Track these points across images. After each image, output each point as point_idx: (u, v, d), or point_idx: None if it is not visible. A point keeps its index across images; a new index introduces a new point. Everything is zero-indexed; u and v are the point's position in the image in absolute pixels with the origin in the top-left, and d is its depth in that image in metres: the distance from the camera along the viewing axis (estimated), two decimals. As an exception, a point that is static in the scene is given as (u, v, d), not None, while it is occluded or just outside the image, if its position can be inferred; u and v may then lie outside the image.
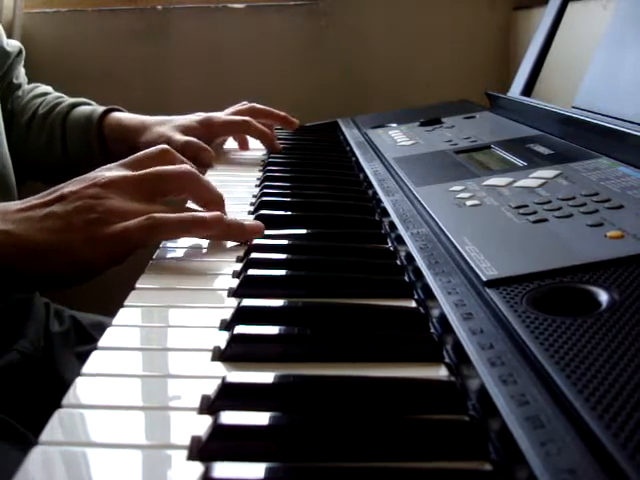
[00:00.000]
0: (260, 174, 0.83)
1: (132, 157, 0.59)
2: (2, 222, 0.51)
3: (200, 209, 0.59)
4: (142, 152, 0.60)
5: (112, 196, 0.53)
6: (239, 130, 0.96)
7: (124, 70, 1.41)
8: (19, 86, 0.96)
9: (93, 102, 0.97)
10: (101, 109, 0.92)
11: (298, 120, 1.05)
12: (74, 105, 0.94)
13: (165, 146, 0.61)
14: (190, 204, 0.62)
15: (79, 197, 0.52)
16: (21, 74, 0.98)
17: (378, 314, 0.44)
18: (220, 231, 0.56)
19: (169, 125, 0.90)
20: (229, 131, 0.96)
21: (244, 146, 1.01)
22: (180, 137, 0.86)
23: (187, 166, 0.59)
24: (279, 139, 1.00)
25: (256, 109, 0.99)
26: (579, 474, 0.25)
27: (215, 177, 0.80)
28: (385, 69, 1.42)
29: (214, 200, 0.59)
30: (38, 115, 0.93)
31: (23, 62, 0.99)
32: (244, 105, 0.99)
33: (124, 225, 0.51)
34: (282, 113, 1.01)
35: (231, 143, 1.04)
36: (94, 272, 0.52)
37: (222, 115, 0.96)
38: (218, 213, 0.56)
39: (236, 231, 0.57)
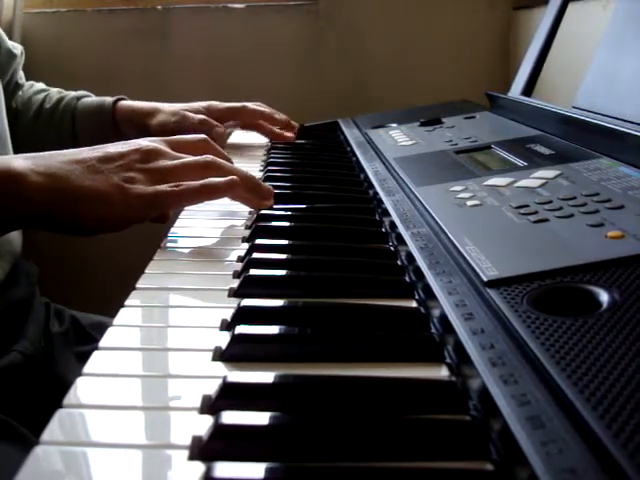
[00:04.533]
0: (260, 174, 0.83)
1: (173, 137, 0.64)
2: (47, 166, 0.55)
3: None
4: (183, 136, 0.65)
5: (151, 162, 0.58)
6: (237, 114, 1.00)
7: (124, 70, 1.41)
8: (22, 85, 1.01)
9: (92, 94, 1.01)
10: (110, 98, 0.97)
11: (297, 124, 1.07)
12: (78, 97, 0.99)
13: (204, 136, 0.66)
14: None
15: (121, 156, 0.58)
16: (22, 74, 1.02)
17: (379, 314, 0.44)
18: (243, 188, 0.61)
19: (179, 107, 0.95)
20: (229, 115, 1.00)
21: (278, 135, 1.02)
22: (195, 116, 0.92)
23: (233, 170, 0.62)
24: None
25: (259, 111, 1.02)
26: (580, 474, 0.25)
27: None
28: (385, 69, 1.42)
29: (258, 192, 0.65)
30: (45, 109, 0.97)
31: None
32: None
33: (155, 188, 0.56)
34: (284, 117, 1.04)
35: (230, 141, 1.04)
36: (119, 225, 0.56)
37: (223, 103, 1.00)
38: (234, 177, 0.60)
39: (255, 185, 0.64)
